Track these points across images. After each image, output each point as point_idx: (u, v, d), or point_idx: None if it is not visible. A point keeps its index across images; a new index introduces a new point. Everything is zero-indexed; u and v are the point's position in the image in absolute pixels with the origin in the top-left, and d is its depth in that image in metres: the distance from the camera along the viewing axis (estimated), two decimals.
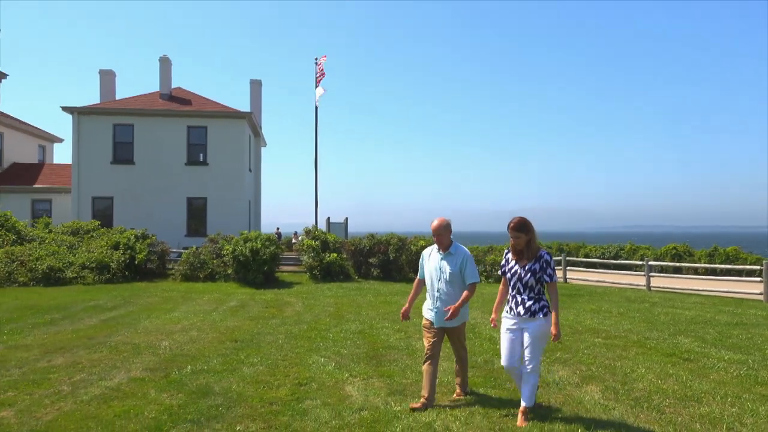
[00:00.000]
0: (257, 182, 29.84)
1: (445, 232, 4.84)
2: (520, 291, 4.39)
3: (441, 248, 4.88)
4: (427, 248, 5.11)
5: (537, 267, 4.35)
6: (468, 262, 4.81)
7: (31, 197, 26.07)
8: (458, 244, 4.92)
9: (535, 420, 4.36)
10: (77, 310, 10.68)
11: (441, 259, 4.87)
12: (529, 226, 4.37)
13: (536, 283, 4.35)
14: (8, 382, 5.48)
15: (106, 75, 27.62)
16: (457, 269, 4.79)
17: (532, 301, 4.35)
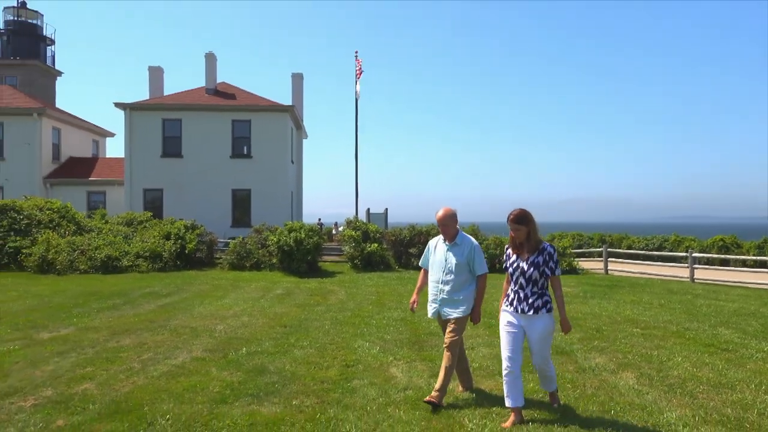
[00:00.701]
0: (299, 174, 30.52)
1: (450, 222, 4.74)
2: (523, 286, 4.24)
3: (447, 238, 4.79)
4: (433, 239, 5.02)
5: (540, 260, 4.22)
6: (476, 252, 4.72)
7: (86, 189, 27.40)
8: (464, 234, 4.81)
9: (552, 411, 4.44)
10: (136, 296, 11.38)
11: (447, 249, 4.77)
12: (529, 217, 4.24)
13: (540, 276, 4.20)
14: (85, 360, 6.05)
15: (155, 71, 28.69)
16: (463, 259, 4.69)
17: (536, 297, 4.21)
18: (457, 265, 4.68)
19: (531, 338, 4.22)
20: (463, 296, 4.70)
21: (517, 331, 4.24)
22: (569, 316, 9.02)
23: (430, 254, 4.95)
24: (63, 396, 4.73)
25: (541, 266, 4.20)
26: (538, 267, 4.20)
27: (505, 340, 4.26)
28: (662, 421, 4.21)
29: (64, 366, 5.76)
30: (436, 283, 4.81)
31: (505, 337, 4.26)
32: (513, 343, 4.21)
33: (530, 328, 4.21)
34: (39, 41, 35.53)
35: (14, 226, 16.60)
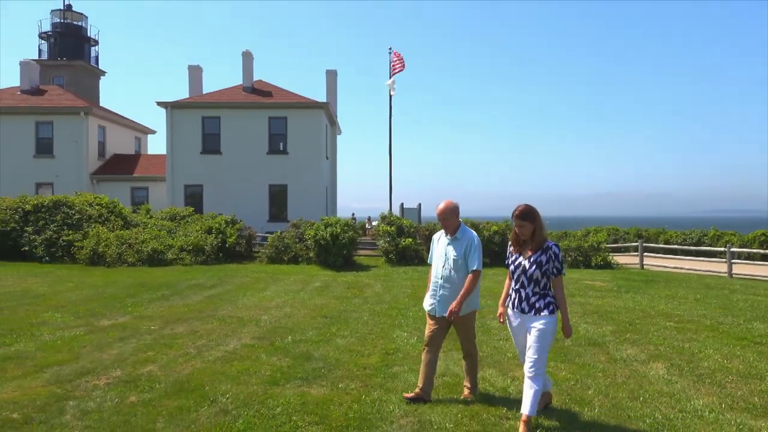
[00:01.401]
0: (333, 169, 31.03)
1: (451, 215, 4.58)
2: (525, 285, 4.09)
3: (448, 232, 4.66)
4: (437, 233, 4.87)
5: (543, 259, 4.06)
6: (472, 247, 4.56)
7: (130, 185, 28.45)
8: (466, 228, 4.67)
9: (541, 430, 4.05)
10: (182, 287, 11.97)
11: (447, 243, 4.66)
12: (535, 214, 4.08)
13: (542, 276, 4.04)
14: (145, 345, 6.55)
15: (194, 70, 29.56)
16: (461, 254, 4.56)
17: (537, 297, 4.06)
18: (456, 260, 4.56)
19: (529, 338, 4.04)
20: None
21: (522, 335, 4.14)
22: (602, 311, 9.21)
23: (433, 248, 4.84)
24: (131, 376, 5.21)
25: (544, 265, 4.04)
26: (541, 266, 4.04)
27: (519, 345, 4.21)
28: (689, 407, 4.42)
29: (127, 350, 6.27)
30: (436, 278, 4.68)
31: (518, 343, 4.23)
32: (523, 346, 4.13)
33: (529, 328, 4.05)
34: (84, 42, 36.90)
35: (67, 221, 17.49)
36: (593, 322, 8.14)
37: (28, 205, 17.74)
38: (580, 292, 11.73)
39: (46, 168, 27.67)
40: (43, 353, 6.09)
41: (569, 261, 18.05)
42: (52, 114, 27.74)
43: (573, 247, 18.17)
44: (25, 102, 28.40)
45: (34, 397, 4.59)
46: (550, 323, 4.00)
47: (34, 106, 27.97)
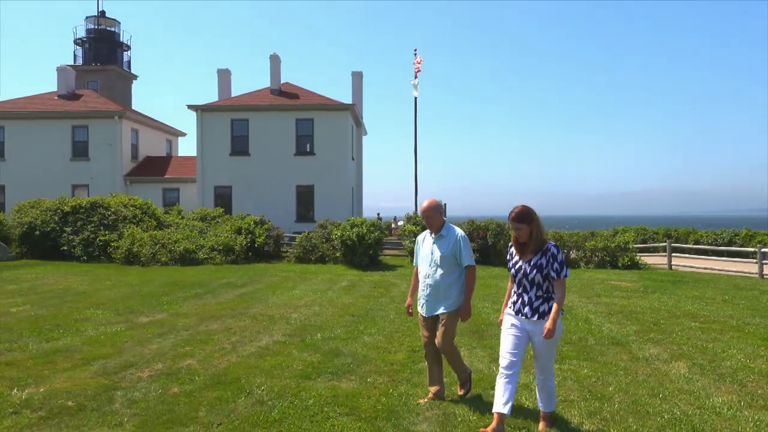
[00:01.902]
0: (359, 169, 31.34)
1: (434, 213, 4.54)
2: (527, 289, 3.98)
3: (432, 231, 4.63)
4: (421, 233, 4.80)
5: (543, 261, 3.93)
6: (462, 243, 4.50)
7: (162, 186, 29.22)
8: (451, 225, 4.63)
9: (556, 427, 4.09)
10: (214, 286, 12.37)
11: (433, 242, 4.61)
12: (532, 215, 3.96)
13: (543, 280, 3.93)
14: (183, 340, 6.89)
15: (223, 74, 30.20)
16: (448, 251, 4.50)
17: (541, 301, 3.94)
18: (443, 258, 4.50)
19: (535, 342, 3.96)
20: (452, 291, 4.53)
21: (520, 335, 3.98)
22: (627, 311, 9.27)
23: (419, 249, 4.78)
24: (171, 369, 5.53)
25: (545, 268, 3.92)
26: (542, 269, 3.92)
27: (506, 342, 4.00)
28: (707, 404, 4.53)
29: (166, 345, 6.61)
30: (424, 278, 4.63)
31: (507, 339, 4.01)
32: (515, 347, 3.96)
33: (535, 334, 3.94)
34: (116, 47, 37.93)
35: (103, 221, 18.14)
36: (617, 322, 8.22)
37: (67, 207, 18.45)
38: (606, 292, 11.76)
39: (82, 170, 28.62)
40: (88, 347, 6.47)
41: (596, 261, 18.00)
42: (87, 118, 28.67)
43: (600, 248, 18.11)
44: (63, 107, 29.40)
45: (84, 387, 4.94)
46: (558, 327, 3.93)
47: (71, 110, 28.94)
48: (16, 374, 5.33)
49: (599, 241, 18.42)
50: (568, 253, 18.46)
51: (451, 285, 4.53)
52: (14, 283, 12.36)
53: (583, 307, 9.64)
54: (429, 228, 4.66)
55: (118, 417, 4.20)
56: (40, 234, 17.77)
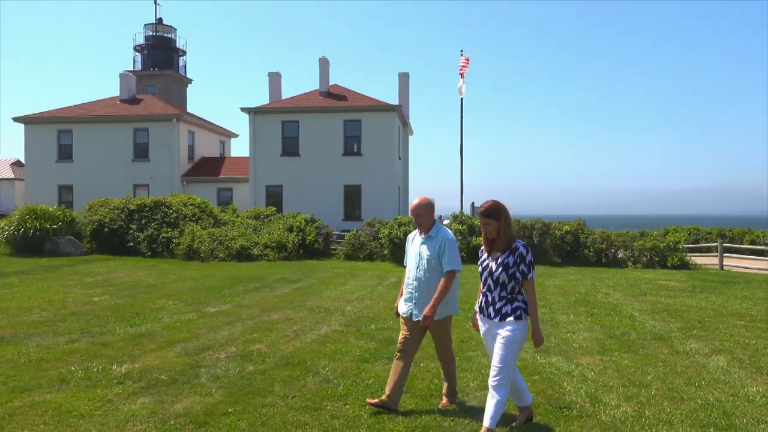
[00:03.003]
0: (405, 169, 31.86)
1: (424, 212, 4.38)
2: (491, 288, 3.85)
3: (421, 231, 4.45)
4: (411, 233, 4.66)
5: (510, 260, 3.78)
6: (447, 246, 4.30)
7: (216, 186, 30.53)
8: (441, 226, 4.45)
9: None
10: (271, 281, 13.11)
11: (421, 243, 4.44)
12: (501, 210, 3.82)
13: (509, 279, 3.77)
14: (249, 328, 7.56)
15: (274, 77, 31.27)
16: (435, 254, 4.32)
17: (504, 302, 3.81)
18: (429, 261, 4.33)
19: (495, 344, 3.81)
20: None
21: (492, 343, 3.87)
22: (672, 309, 9.43)
23: (408, 249, 4.61)
24: (244, 352, 6.17)
25: (511, 268, 3.77)
26: (508, 269, 3.78)
27: (489, 352, 3.92)
28: (741, 393, 4.82)
29: (236, 332, 7.28)
30: (411, 280, 4.45)
31: (488, 349, 3.96)
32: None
33: (494, 334, 3.83)
34: (173, 53, 39.69)
35: (166, 219, 19.28)
36: (661, 319, 8.43)
37: (132, 206, 19.69)
38: (652, 291, 11.86)
39: (142, 171, 30.21)
40: (168, 332, 7.21)
41: (644, 261, 17.90)
42: (147, 121, 30.22)
43: (648, 248, 18.00)
44: (125, 111, 31.09)
45: (172, 364, 5.62)
46: (517, 330, 3.75)
47: (132, 114, 30.57)
48: (112, 353, 6.08)
49: (648, 241, 18.30)
50: (615, 252, 18.43)
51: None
52: (90, 276, 13.43)
53: (628, 304, 9.84)
54: (418, 227, 4.48)
55: (206, 389, 4.84)
56: (108, 231, 19.06)
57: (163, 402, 4.51)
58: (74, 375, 5.19)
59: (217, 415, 4.23)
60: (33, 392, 4.70)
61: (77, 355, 5.94)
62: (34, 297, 9.98)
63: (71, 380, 5.05)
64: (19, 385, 4.87)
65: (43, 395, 4.63)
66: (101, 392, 4.72)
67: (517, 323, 3.77)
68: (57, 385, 4.89)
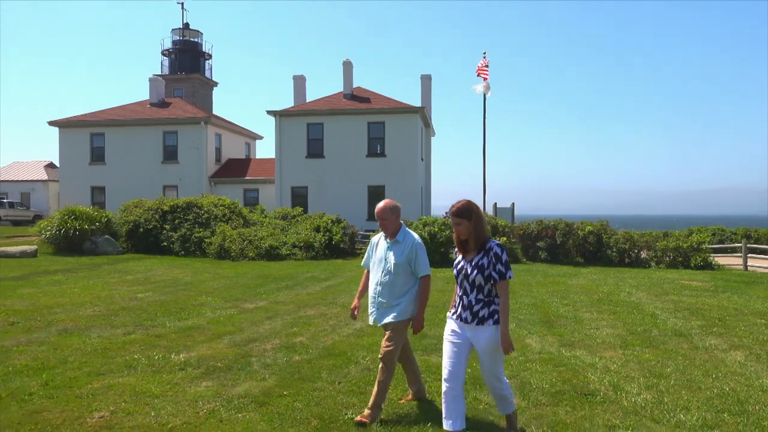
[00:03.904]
0: (427, 169, 32.26)
1: (390, 215, 4.25)
2: (467, 291, 3.72)
3: (387, 235, 4.34)
4: (375, 235, 4.55)
5: (485, 261, 3.66)
6: (417, 250, 4.23)
7: (243, 187, 31.28)
8: (408, 230, 4.36)
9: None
10: (301, 279, 13.62)
11: (387, 248, 4.32)
12: (473, 210, 3.70)
13: (485, 281, 3.66)
14: (289, 323, 8.05)
15: (298, 80, 31.91)
16: (403, 259, 4.22)
17: (481, 305, 3.67)
18: (396, 266, 4.22)
19: (478, 351, 3.73)
20: (404, 301, 4.28)
21: (461, 342, 3.73)
22: (694, 308, 9.68)
23: (371, 252, 4.51)
24: (288, 344, 6.66)
25: (486, 269, 3.65)
26: (483, 270, 3.65)
27: (447, 353, 3.76)
28: (756, 384, 5.15)
29: (277, 326, 7.78)
30: (375, 285, 4.37)
31: (447, 349, 3.77)
32: (455, 356, 3.71)
33: (476, 341, 3.70)
34: (199, 57, 40.66)
35: (198, 220, 19.97)
36: (682, 317, 8.71)
37: (166, 206, 20.42)
38: (675, 291, 12.08)
39: (171, 172, 31.11)
40: (213, 326, 7.73)
41: (667, 261, 18.04)
42: (176, 124, 31.11)
43: (671, 248, 18.13)
44: (155, 114, 32.02)
45: (224, 354, 6.13)
46: (497, 335, 3.65)
47: (162, 117, 31.49)
48: (167, 344, 6.61)
49: (671, 242, 18.42)
50: (638, 253, 18.59)
51: (403, 294, 4.28)
52: (130, 274, 14.10)
53: (650, 304, 10.11)
54: (384, 231, 4.36)
55: (260, 374, 5.33)
56: (143, 231, 19.81)
57: (224, 385, 5.01)
58: (139, 362, 5.73)
59: (274, 396, 4.71)
60: (106, 376, 5.24)
61: (136, 345, 6.49)
62: (83, 293, 10.62)
63: (137, 366, 5.58)
64: (93, 370, 5.42)
65: (115, 379, 5.16)
66: (167, 377, 5.24)
67: (497, 327, 3.66)
68: (125, 371, 5.43)
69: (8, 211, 35.79)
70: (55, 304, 9.22)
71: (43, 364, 5.62)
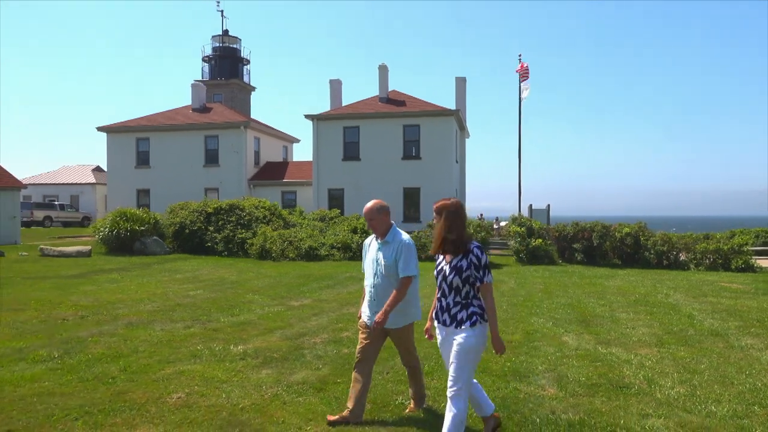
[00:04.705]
0: (462, 171, 32.48)
1: (377, 215, 4.20)
2: (446, 294, 3.67)
3: (377, 235, 4.28)
4: (368, 238, 4.48)
5: (464, 264, 3.58)
6: (404, 251, 4.14)
7: (281, 189, 32.07)
8: (398, 231, 4.26)
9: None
10: (341, 279, 14.09)
11: (378, 249, 4.27)
12: (451, 209, 3.63)
13: (463, 284, 3.59)
14: (334, 319, 8.49)
15: (335, 84, 32.54)
16: (391, 260, 4.16)
17: (459, 307, 3.61)
18: (387, 267, 4.17)
19: (451, 352, 3.63)
20: (402, 303, 4.21)
21: (448, 352, 3.69)
22: (732, 309, 9.75)
23: (365, 254, 4.44)
24: (336, 338, 7.09)
25: (465, 271, 3.58)
26: (461, 272, 3.59)
27: (445, 360, 3.75)
28: None
29: (323, 322, 8.23)
30: (369, 287, 4.32)
31: (444, 357, 3.77)
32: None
33: (450, 341, 3.65)
34: (238, 62, 41.78)
35: (240, 221, 20.72)
36: (720, 318, 8.81)
37: (210, 209, 21.24)
38: (714, 293, 12.08)
39: (212, 175, 32.12)
40: (264, 321, 8.23)
41: (706, 263, 17.86)
42: (217, 129, 32.12)
43: (711, 250, 17.95)
44: (197, 119, 33.12)
45: (278, 346, 6.60)
46: (472, 337, 3.55)
47: (204, 122, 32.55)
48: (224, 336, 7.13)
49: (711, 244, 18.23)
50: (677, 255, 18.46)
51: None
52: (179, 273, 14.82)
53: (688, 305, 10.19)
54: (373, 232, 4.31)
55: (314, 364, 5.78)
56: (188, 232, 20.67)
57: (282, 373, 5.47)
58: (202, 352, 6.25)
59: (330, 384, 5.14)
60: (175, 364, 5.77)
61: (196, 338, 7.02)
62: (139, 290, 11.31)
63: (201, 356, 6.10)
64: (162, 359, 5.96)
65: (184, 366, 5.68)
66: (229, 365, 5.74)
67: (473, 330, 3.56)
68: (192, 360, 5.95)
69: (59, 213, 37.53)
70: (116, 300, 9.90)
71: (116, 352, 6.20)
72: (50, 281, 12.31)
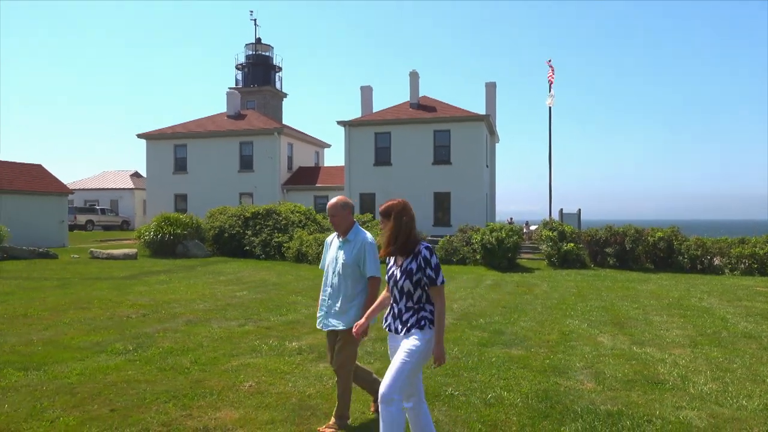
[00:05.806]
0: (492, 176, 32.69)
1: (341, 212, 4.06)
2: (397, 299, 3.50)
3: (339, 233, 4.14)
4: (330, 235, 4.33)
5: (413, 266, 3.42)
6: (367, 250, 4.01)
7: (313, 194, 32.77)
8: (360, 229, 4.11)
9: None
10: None
11: (339, 247, 4.13)
12: (397, 210, 3.49)
13: (414, 288, 3.41)
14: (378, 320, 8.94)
15: (366, 90, 33.13)
16: (351, 259, 4.01)
17: (411, 313, 3.43)
18: (345, 266, 4.02)
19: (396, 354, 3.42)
20: (354, 304, 4.05)
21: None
22: (766, 313, 9.88)
23: (326, 253, 4.28)
24: (381, 336, 7.51)
25: (415, 274, 3.41)
26: (411, 275, 3.41)
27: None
28: None
29: None
30: (326, 286, 4.17)
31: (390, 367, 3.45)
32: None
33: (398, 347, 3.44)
34: (270, 70, 42.72)
35: (277, 226, 21.40)
36: (754, 322, 9.00)
37: (248, 213, 21.98)
38: (748, 297, 12.18)
39: (247, 180, 33.01)
40: (311, 320, 8.73)
41: (742, 268, 17.79)
42: (252, 135, 33.01)
43: (746, 254, 17.89)
44: (232, 126, 34.10)
45: None
46: (421, 341, 3.36)
47: (239, 129, 33.50)
48: (278, 334, 7.66)
49: (746, 248, 18.17)
50: (711, 259, 18.43)
51: (353, 297, 4.06)
52: (222, 275, 15.49)
53: (721, 308, 10.37)
54: (335, 229, 4.14)
55: (365, 359, 6.25)
56: (228, 236, 21.43)
57: None
58: (261, 348, 6.78)
59: (382, 375, 5.58)
60: (239, 357, 6.30)
61: (252, 335, 7.56)
62: (189, 291, 11.96)
63: (261, 351, 6.62)
64: (226, 353, 6.50)
65: (248, 360, 6.20)
66: (289, 359, 6.24)
67: (421, 333, 3.37)
68: (253, 354, 6.47)
69: (100, 217, 38.98)
70: (170, 300, 10.55)
71: (183, 347, 6.76)
72: (106, 282, 13.07)
